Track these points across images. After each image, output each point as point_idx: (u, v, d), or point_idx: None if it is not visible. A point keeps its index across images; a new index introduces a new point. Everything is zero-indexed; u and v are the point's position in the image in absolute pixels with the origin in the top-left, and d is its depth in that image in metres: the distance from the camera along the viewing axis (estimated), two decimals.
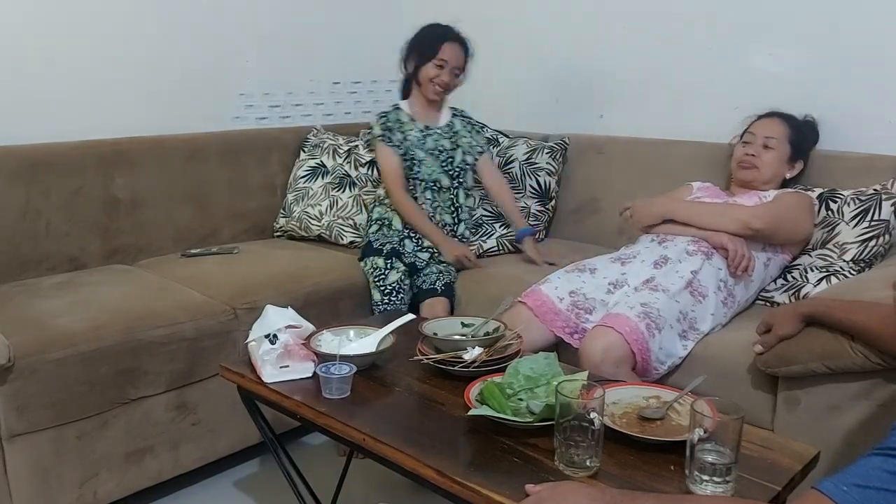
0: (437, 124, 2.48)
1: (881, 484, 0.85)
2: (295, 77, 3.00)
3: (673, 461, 1.17)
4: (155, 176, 2.49)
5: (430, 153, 2.43)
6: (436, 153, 2.44)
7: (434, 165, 2.43)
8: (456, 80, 2.42)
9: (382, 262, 2.30)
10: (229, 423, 2.02)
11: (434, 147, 2.44)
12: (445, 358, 1.51)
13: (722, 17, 2.44)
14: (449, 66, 2.36)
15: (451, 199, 2.47)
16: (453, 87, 2.43)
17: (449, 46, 2.36)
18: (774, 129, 2.10)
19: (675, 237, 2.01)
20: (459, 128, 2.51)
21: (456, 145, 2.47)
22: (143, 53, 2.55)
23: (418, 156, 2.42)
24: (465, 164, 2.48)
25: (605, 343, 1.68)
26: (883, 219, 1.95)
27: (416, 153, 2.42)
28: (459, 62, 2.39)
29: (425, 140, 2.44)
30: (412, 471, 1.22)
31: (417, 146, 2.43)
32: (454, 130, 2.49)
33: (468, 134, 2.51)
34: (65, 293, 2.03)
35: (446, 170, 2.45)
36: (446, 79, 2.37)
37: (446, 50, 2.35)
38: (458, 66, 2.39)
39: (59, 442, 1.73)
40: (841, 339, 1.49)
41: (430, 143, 2.44)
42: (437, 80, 2.36)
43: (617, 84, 2.74)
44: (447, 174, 2.45)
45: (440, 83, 2.37)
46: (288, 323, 1.58)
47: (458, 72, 2.40)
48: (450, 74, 2.37)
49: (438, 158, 2.44)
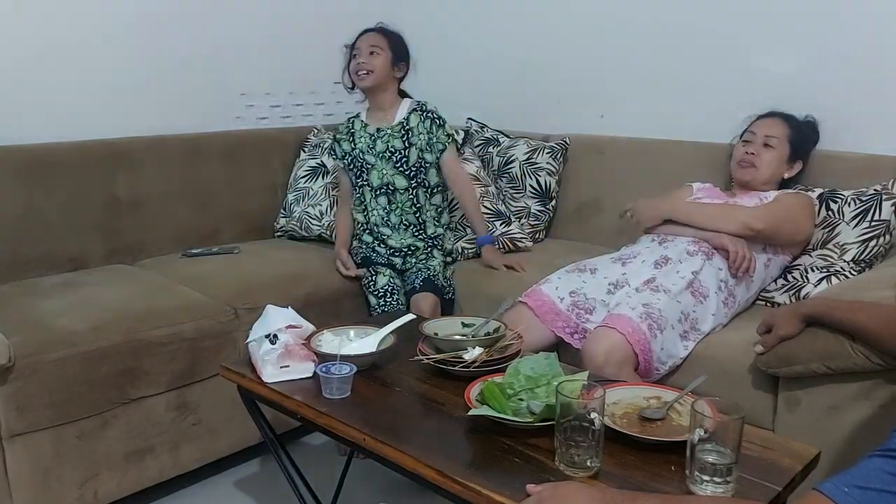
0: (389, 124, 2.41)
1: (882, 485, 0.85)
2: (296, 77, 3.00)
3: (673, 461, 1.17)
4: (156, 176, 2.49)
5: (380, 156, 2.38)
6: (387, 155, 2.38)
7: (386, 168, 2.37)
8: (378, 59, 2.34)
9: (366, 270, 2.32)
10: (229, 423, 2.02)
11: (384, 149, 2.38)
12: (446, 358, 1.51)
13: (722, 18, 2.43)
14: (362, 50, 2.34)
15: (410, 199, 2.40)
16: (378, 66, 2.33)
17: (360, 39, 2.38)
18: (775, 128, 2.10)
19: (675, 237, 2.01)
20: (415, 124, 2.40)
21: (409, 143, 2.38)
22: (144, 53, 2.55)
23: (368, 161, 2.39)
24: (423, 163, 2.39)
25: (608, 344, 1.68)
26: (883, 219, 1.95)
27: (365, 159, 2.39)
28: (373, 41, 2.35)
29: (374, 143, 2.39)
30: (412, 471, 1.22)
31: (367, 152, 2.39)
32: (407, 128, 2.39)
33: (425, 130, 2.39)
34: (65, 293, 2.03)
35: (401, 170, 2.37)
36: (363, 59, 2.33)
37: (358, 41, 2.37)
38: (372, 45, 2.34)
39: (59, 442, 1.73)
40: (841, 340, 1.49)
41: (380, 146, 2.38)
42: (355, 69, 2.35)
43: (617, 84, 2.74)
44: (403, 175, 2.38)
45: (357, 68, 2.34)
46: (288, 323, 1.58)
47: (376, 49, 2.34)
48: (367, 56, 2.33)
49: (391, 160, 2.37)
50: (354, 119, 2.48)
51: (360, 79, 2.35)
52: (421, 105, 2.43)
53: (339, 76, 2.46)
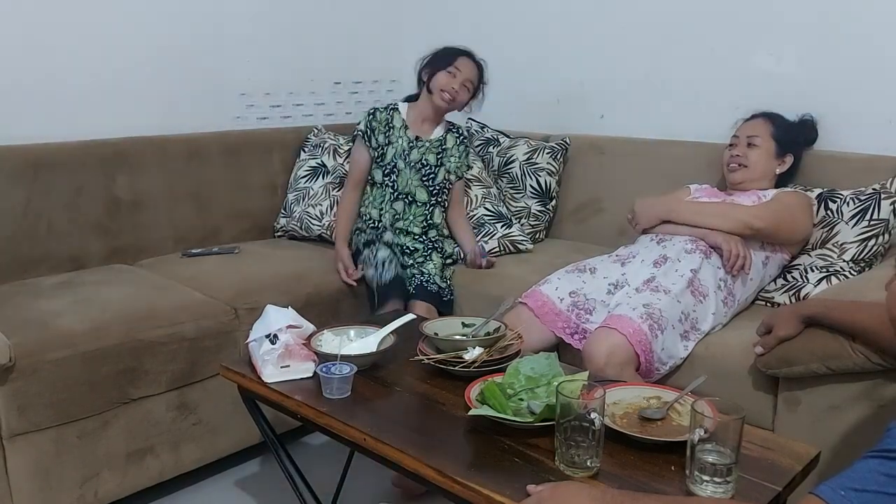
0: (428, 137, 2.45)
1: (878, 487, 0.85)
2: (296, 77, 3.00)
3: (673, 461, 1.17)
4: (156, 176, 2.49)
5: (411, 165, 2.40)
6: (418, 166, 2.40)
7: (413, 178, 2.40)
8: (466, 95, 2.38)
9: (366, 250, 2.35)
10: (230, 423, 2.02)
11: (418, 160, 2.40)
12: (446, 358, 1.51)
13: (722, 18, 2.44)
14: (461, 76, 2.36)
15: (424, 214, 2.43)
16: (461, 101, 2.39)
17: (464, 60, 2.39)
18: (757, 128, 2.13)
19: (672, 236, 2.01)
20: (451, 145, 2.46)
21: (441, 162, 2.43)
22: (144, 53, 2.55)
23: (399, 165, 2.40)
24: (447, 184, 2.45)
25: (610, 345, 1.68)
26: (882, 218, 1.95)
27: (397, 162, 2.40)
28: (472, 76, 2.39)
29: (411, 151, 2.41)
30: (413, 471, 1.22)
31: (400, 156, 2.40)
32: (444, 147, 2.44)
33: (457, 153, 2.47)
34: (65, 293, 2.03)
35: (426, 185, 2.41)
36: (456, 87, 2.35)
37: (461, 61, 2.38)
38: (469, 80, 2.38)
39: (59, 442, 1.73)
40: (841, 340, 1.49)
41: (415, 156, 2.40)
42: (447, 87, 2.35)
43: (617, 84, 2.74)
44: (426, 189, 2.41)
45: (449, 90, 2.34)
46: (288, 323, 1.58)
47: (469, 85, 2.38)
48: (461, 85, 2.36)
49: (420, 172, 2.40)
50: (395, 112, 2.47)
51: (445, 100, 2.36)
52: (457, 128, 2.51)
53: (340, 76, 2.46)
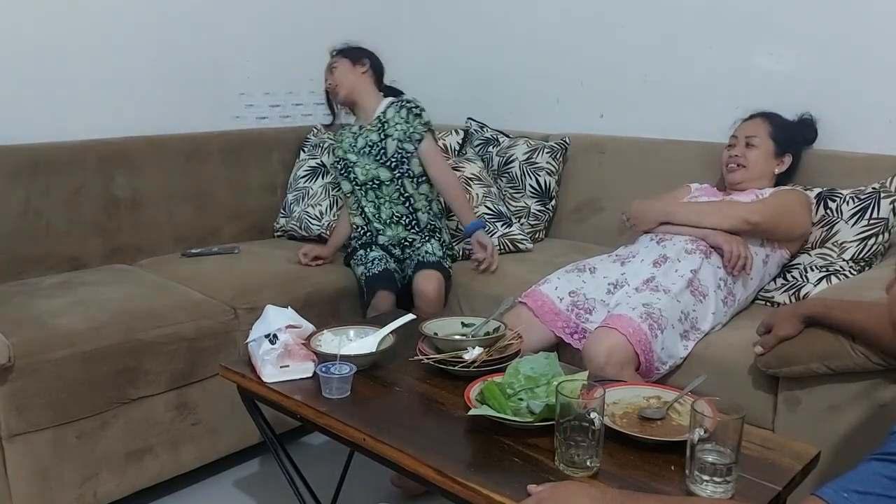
0: (368, 121, 2.46)
1: (881, 490, 0.85)
2: (295, 77, 3.01)
3: (673, 461, 1.17)
4: (155, 175, 2.49)
5: (360, 153, 2.42)
6: (366, 150, 2.41)
7: (368, 163, 2.40)
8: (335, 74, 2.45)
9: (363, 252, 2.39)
10: (229, 423, 2.02)
11: (364, 145, 2.42)
12: (446, 358, 1.51)
13: (722, 17, 2.44)
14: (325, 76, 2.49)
15: (397, 190, 2.42)
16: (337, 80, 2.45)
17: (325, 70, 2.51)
18: (755, 128, 2.13)
19: (673, 236, 2.01)
20: (391, 115, 2.43)
21: (385, 135, 2.40)
22: (144, 53, 2.55)
23: (350, 159, 2.43)
24: (404, 153, 2.39)
25: (610, 345, 1.68)
26: (881, 217, 1.95)
27: (348, 158, 2.43)
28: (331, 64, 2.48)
29: (356, 141, 2.44)
30: (412, 471, 1.22)
31: (350, 150, 2.44)
32: (384, 120, 2.43)
33: (402, 119, 2.41)
34: (65, 293, 2.03)
35: (382, 162, 2.39)
36: (328, 81, 2.48)
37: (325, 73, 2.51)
38: (331, 66, 2.48)
39: (58, 442, 1.73)
40: (841, 340, 1.49)
41: (361, 143, 2.43)
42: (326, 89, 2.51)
43: (617, 84, 2.74)
44: (385, 166, 2.39)
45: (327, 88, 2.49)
46: (288, 323, 1.57)
47: (332, 67, 2.46)
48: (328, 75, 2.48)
49: (370, 154, 2.40)
50: (346, 127, 2.53)
51: (334, 97, 2.48)
52: (400, 98, 2.47)
53: None
